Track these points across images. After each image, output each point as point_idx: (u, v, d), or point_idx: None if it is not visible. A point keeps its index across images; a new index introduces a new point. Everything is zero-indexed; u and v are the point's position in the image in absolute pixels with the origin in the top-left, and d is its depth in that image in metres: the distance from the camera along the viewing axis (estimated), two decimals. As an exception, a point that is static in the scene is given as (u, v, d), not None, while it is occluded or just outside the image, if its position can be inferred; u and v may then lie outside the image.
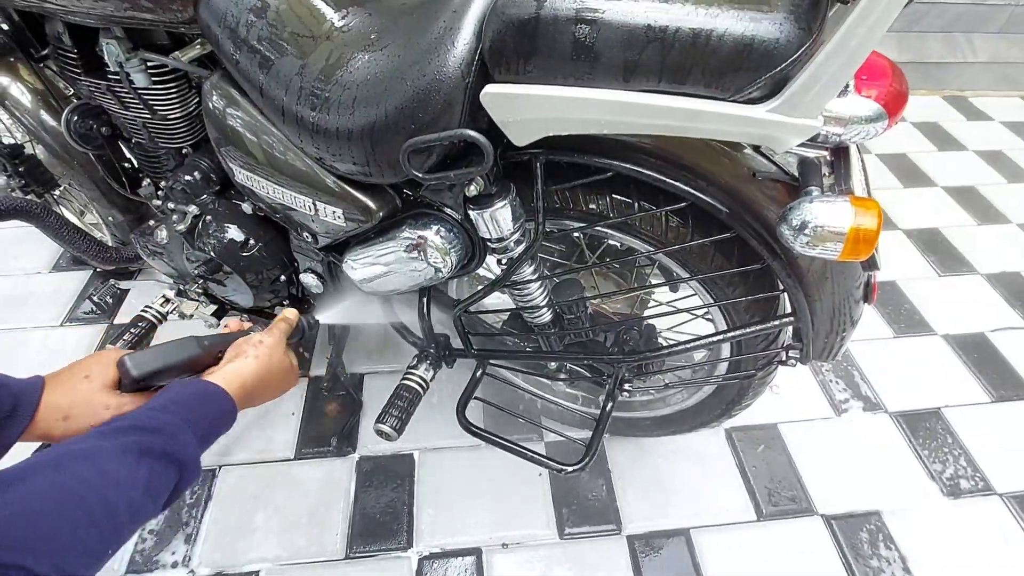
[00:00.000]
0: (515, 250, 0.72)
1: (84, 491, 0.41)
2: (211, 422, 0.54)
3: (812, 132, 0.50)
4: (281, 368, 0.67)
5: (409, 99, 0.58)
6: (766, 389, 0.89)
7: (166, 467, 0.47)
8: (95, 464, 0.43)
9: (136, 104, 0.89)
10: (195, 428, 0.51)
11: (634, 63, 0.50)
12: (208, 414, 0.54)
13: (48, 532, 0.38)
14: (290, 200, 0.77)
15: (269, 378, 0.64)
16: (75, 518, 0.40)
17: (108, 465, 0.43)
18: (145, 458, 0.45)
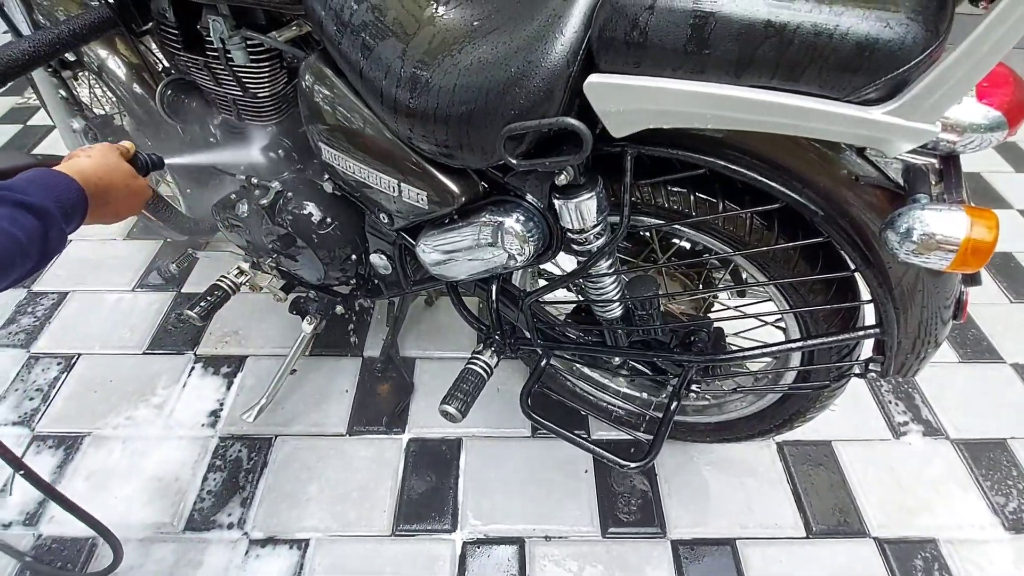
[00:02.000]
0: (594, 243, 0.72)
1: None
2: (54, 187, 0.59)
3: (928, 138, 0.49)
4: (120, 170, 0.70)
5: (511, 85, 0.59)
6: (833, 402, 0.87)
7: (21, 212, 0.53)
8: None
9: (229, 81, 0.93)
10: (40, 188, 0.57)
11: (749, 58, 0.50)
12: (49, 181, 0.59)
13: None
14: (375, 180, 0.79)
15: (109, 177, 0.68)
16: None
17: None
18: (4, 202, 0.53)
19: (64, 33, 0.89)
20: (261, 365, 1.33)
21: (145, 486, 1.14)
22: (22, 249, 0.52)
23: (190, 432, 1.21)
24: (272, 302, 1.43)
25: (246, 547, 1.06)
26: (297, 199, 0.95)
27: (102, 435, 1.21)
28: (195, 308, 1.06)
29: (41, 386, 1.30)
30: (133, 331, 1.40)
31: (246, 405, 1.19)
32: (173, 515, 1.10)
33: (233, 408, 1.25)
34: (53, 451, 1.19)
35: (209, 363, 1.34)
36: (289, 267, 1.07)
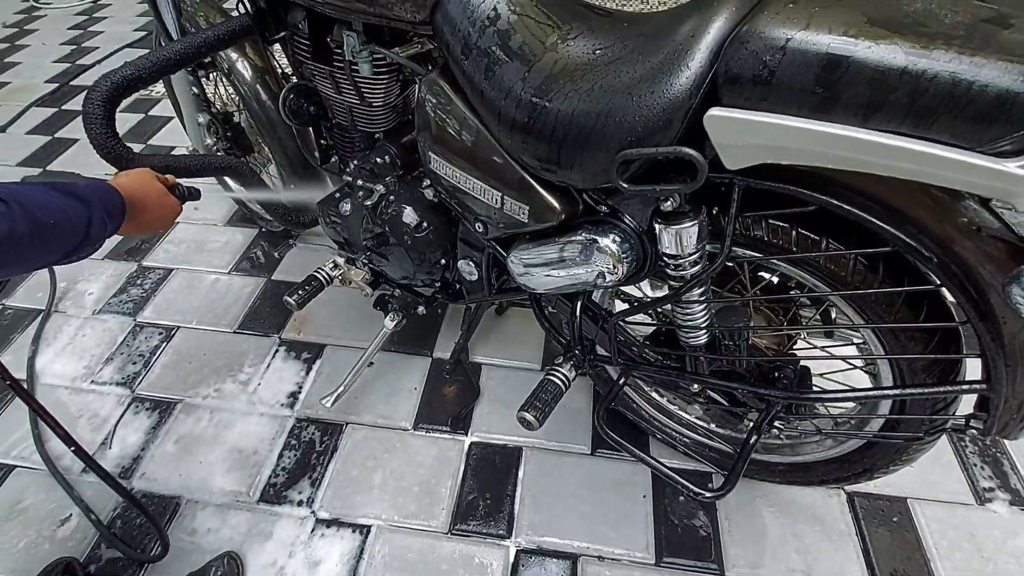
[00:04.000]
0: (689, 270, 0.74)
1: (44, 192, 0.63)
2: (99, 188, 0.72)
3: (1067, 194, 0.48)
4: (153, 188, 0.84)
5: (632, 113, 0.62)
6: (921, 455, 0.83)
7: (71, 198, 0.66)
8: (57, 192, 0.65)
9: (349, 90, 1.01)
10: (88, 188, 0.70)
11: (879, 103, 0.51)
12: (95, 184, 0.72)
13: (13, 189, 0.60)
14: (479, 191, 0.84)
15: (144, 192, 0.81)
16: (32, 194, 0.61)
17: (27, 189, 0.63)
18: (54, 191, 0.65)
19: (210, 38, 0.99)
20: (338, 355, 1.41)
21: (227, 455, 1.22)
22: (71, 224, 0.64)
23: (270, 410, 1.30)
24: (351, 296, 1.51)
25: (312, 525, 1.12)
26: (398, 203, 1.01)
27: (192, 403, 1.31)
28: (294, 295, 1.14)
29: (143, 352, 1.42)
30: (226, 311, 1.51)
31: (322, 390, 1.26)
32: (249, 486, 1.18)
33: (310, 392, 1.33)
34: (149, 413, 1.30)
35: (291, 347, 1.42)
36: (380, 265, 1.14)
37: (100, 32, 3.12)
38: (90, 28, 3.18)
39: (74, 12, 3.39)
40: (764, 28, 0.54)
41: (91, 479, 1.17)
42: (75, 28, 3.19)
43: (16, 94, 2.57)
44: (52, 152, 2.18)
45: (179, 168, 0.99)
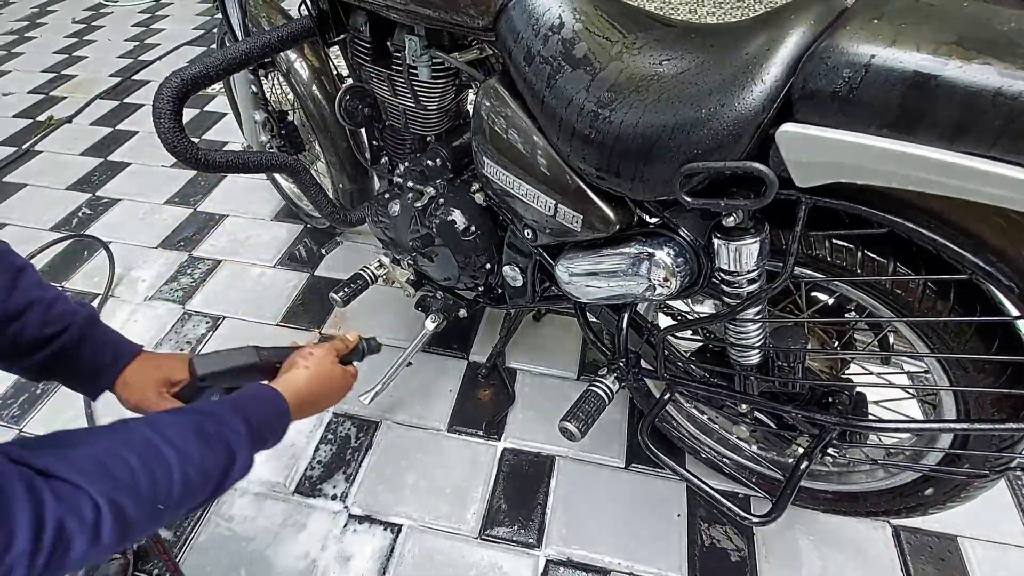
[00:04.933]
0: (746, 288, 0.72)
1: (145, 446, 0.50)
2: (264, 418, 0.62)
3: None
4: (331, 378, 0.76)
5: (700, 125, 0.61)
6: (982, 494, 0.79)
7: (216, 446, 0.55)
8: (158, 430, 0.53)
9: (405, 93, 1.02)
10: (247, 421, 0.59)
11: (968, 125, 0.49)
12: (261, 410, 0.63)
13: (110, 470, 0.46)
14: (532, 198, 0.84)
15: (320, 387, 0.73)
16: (133, 465, 0.48)
17: (169, 432, 0.53)
18: (200, 435, 0.54)
19: (273, 39, 1.02)
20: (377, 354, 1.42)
21: (265, 445, 1.25)
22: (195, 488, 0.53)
23: (309, 403, 1.32)
24: (390, 296, 1.53)
25: (345, 520, 1.13)
26: (447, 206, 1.02)
27: (234, 392, 1.34)
28: (340, 292, 1.16)
29: (191, 340, 1.47)
30: (270, 303, 1.55)
31: (360, 387, 1.27)
32: (286, 477, 1.20)
33: (347, 388, 1.34)
34: (193, 399, 1.34)
35: (330, 343, 1.45)
36: (424, 266, 1.15)
37: (162, 30, 3.26)
38: (152, 26, 3.32)
39: (138, 10, 3.54)
40: (846, 44, 0.52)
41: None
42: (138, 25, 3.34)
43: (82, 86, 2.70)
44: (114, 143, 2.28)
45: (236, 165, 1.02)
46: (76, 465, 0.44)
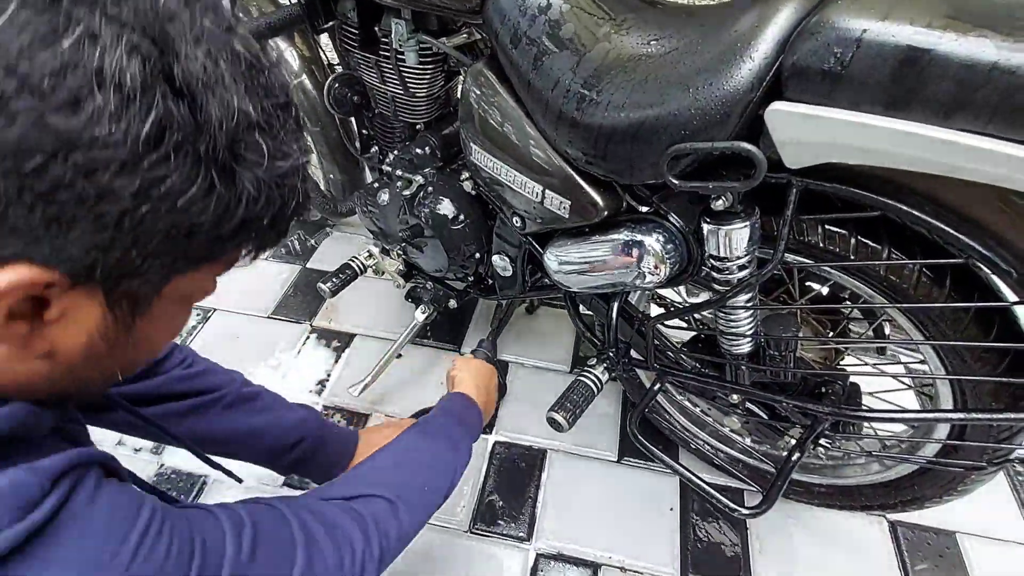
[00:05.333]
0: (736, 274, 0.70)
1: (419, 467, 0.69)
2: (469, 417, 0.82)
3: None
4: (482, 371, 0.93)
5: (688, 105, 0.59)
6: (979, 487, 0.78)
7: (457, 452, 0.75)
8: (427, 449, 0.72)
9: (394, 80, 1.01)
10: (466, 424, 0.80)
11: (963, 101, 0.47)
12: (467, 410, 0.83)
13: (395, 479, 0.64)
14: (519, 184, 0.82)
15: (480, 379, 0.90)
16: (415, 478, 0.66)
17: (433, 448, 0.73)
18: (452, 447, 0.74)
19: (262, 26, 1.00)
20: (367, 345, 1.41)
21: (254, 438, 1.23)
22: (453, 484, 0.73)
23: (299, 396, 1.31)
24: (383, 287, 1.52)
25: (334, 513, 1.12)
26: (436, 194, 1.00)
27: (224, 385, 1.33)
28: (328, 282, 1.15)
29: (182, 333, 1.45)
30: (261, 296, 1.53)
31: (351, 379, 1.26)
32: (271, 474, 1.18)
33: (338, 380, 1.33)
34: (183, 391, 1.32)
35: (322, 335, 1.43)
36: (414, 256, 1.13)
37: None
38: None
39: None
40: (837, 19, 0.50)
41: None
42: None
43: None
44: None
45: None
46: (364, 481, 0.63)
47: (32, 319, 0.32)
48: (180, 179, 0.31)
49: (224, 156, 0.32)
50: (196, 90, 0.31)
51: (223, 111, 0.32)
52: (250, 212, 0.35)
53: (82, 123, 0.28)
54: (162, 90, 0.30)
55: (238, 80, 0.33)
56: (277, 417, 0.79)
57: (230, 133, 0.32)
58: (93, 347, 0.36)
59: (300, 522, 0.51)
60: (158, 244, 0.33)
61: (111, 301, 0.34)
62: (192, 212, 0.32)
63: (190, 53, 0.30)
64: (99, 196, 0.29)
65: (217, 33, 0.32)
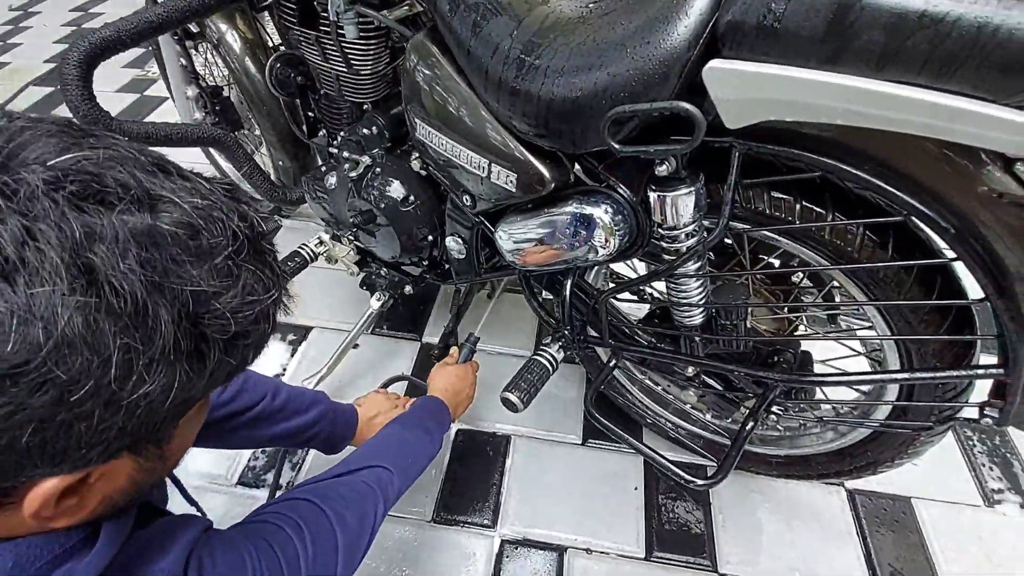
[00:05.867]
0: (684, 243, 0.69)
1: (404, 445, 0.82)
2: (439, 416, 0.92)
3: (1102, 152, 0.44)
4: (455, 375, 1.02)
5: (626, 67, 0.57)
6: (929, 448, 0.79)
7: (431, 440, 0.85)
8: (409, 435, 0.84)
9: (336, 56, 0.96)
10: (436, 421, 0.90)
11: (895, 51, 0.46)
12: (437, 411, 0.92)
13: (389, 455, 0.77)
14: (465, 159, 0.79)
15: (450, 383, 1.00)
16: (403, 453, 0.80)
17: (413, 435, 0.84)
18: (427, 435, 0.85)
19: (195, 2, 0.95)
20: (325, 337, 1.37)
21: (206, 437, 1.18)
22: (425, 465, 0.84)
23: (253, 392, 1.26)
24: (341, 278, 1.47)
25: (291, 510, 1.08)
26: (384, 175, 0.97)
27: (173, 384, 1.27)
28: (275, 270, 1.10)
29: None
30: (212, 290, 1.47)
31: (307, 373, 1.22)
32: (228, 468, 1.14)
33: (295, 374, 1.29)
34: (129, 392, 1.26)
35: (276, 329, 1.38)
36: (366, 242, 1.10)
37: (101, 14, 3.09)
38: (92, 10, 3.15)
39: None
40: (770, -30, 0.49)
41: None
42: (77, 10, 3.16)
43: (15, 75, 2.55)
44: (46, 130, 2.14)
45: (158, 137, 0.95)
46: (367, 457, 0.76)
47: (80, 489, 0.36)
48: (157, 386, 0.32)
49: (188, 343, 0.33)
50: (143, 304, 0.31)
51: (175, 305, 0.32)
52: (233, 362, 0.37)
53: (55, 397, 0.29)
54: (113, 328, 0.30)
55: (181, 261, 0.32)
56: (299, 420, 0.87)
57: (190, 319, 0.33)
58: (135, 479, 0.40)
59: (333, 511, 0.62)
60: (161, 419, 0.35)
61: (137, 452, 0.37)
62: (179, 395, 0.34)
63: (122, 271, 0.30)
64: (97, 426, 0.31)
65: (140, 226, 0.31)
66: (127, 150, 0.34)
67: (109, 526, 0.40)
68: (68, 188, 0.30)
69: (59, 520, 0.36)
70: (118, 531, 0.41)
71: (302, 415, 0.88)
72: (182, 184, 0.35)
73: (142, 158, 0.34)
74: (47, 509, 0.34)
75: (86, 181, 0.30)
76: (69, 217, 0.29)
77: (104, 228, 0.30)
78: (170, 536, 0.45)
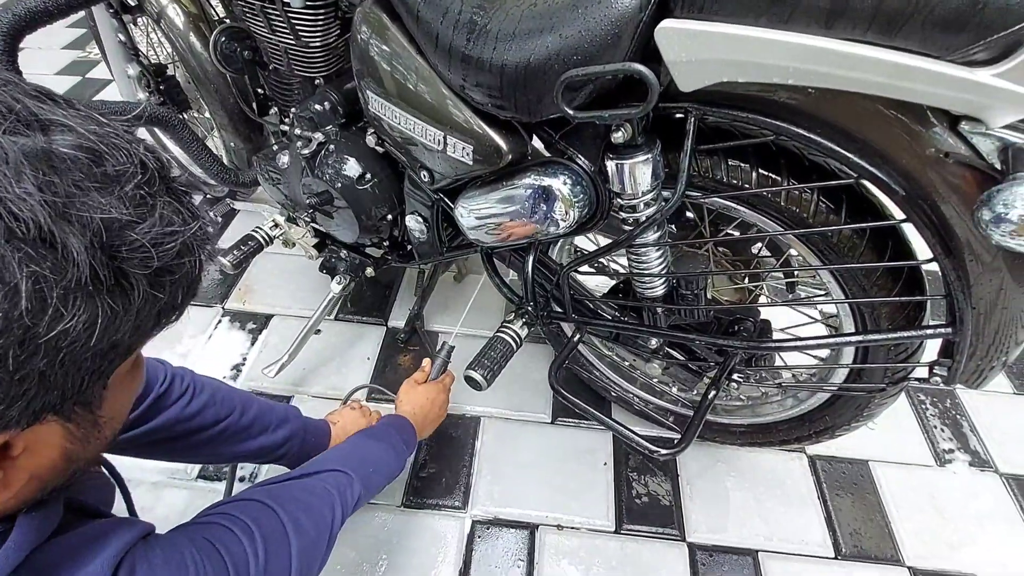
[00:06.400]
0: (643, 212, 0.69)
1: (368, 454, 0.81)
2: (406, 435, 0.90)
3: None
4: (425, 395, 0.99)
5: (578, 29, 0.56)
6: (883, 410, 0.81)
7: (397, 456, 0.85)
8: (374, 446, 0.83)
9: (283, 28, 0.92)
10: (402, 440, 0.88)
11: (842, 7, 0.46)
12: (405, 431, 0.90)
13: (350, 461, 0.76)
14: (420, 133, 0.77)
15: (418, 404, 0.97)
16: (365, 462, 0.78)
17: (378, 447, 0.83)
18: (392, 450, 0.85)
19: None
20: (287, 324, 1.33)
21: (163, 431, 1.14)
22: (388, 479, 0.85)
23: (211, 383, 1.21)
24: (302, 264, 1.43)
25: (255, 502, 1.05)
26: (339, 153, 0.94)
27: (126, 378, 1.22)
28: (228, 255, 1.06)
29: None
30: (166, 280, 1.41)
31: (268, 362, 1.18)
32: (187, 465, 1.10)
33: (255, 364, 1.25)
34: (78, 388, 1.20)
35: (236, 318, 1.34)
36: (324, 224, 1.06)
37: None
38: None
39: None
40: (718, -75, 0.48)
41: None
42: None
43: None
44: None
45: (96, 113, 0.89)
46: (327, 462, 0.74)
47: (2, 463, 0.33)
48: (78, 322, 0.30)
49: (107, 275, 0.31)
50: (46, 232, 0.28)
51: (85, 234, 0.29)
52: (160, 303, 0.35)
53: None
54: (17, 255, 0.27)
55: (85, 187, 0.30)
56: (267, 439, 0.85)
57: (106, 250, 0.30)
58: (68, 451, 0.37)
59: (287, 513, 0.59)
60: (87, 369, 0.33)
61: (65, 417, 0.35)
62: (105, 335, 0.32)
63: (17, 194, 0.27)
64: (14, 373, 0.29)
65: (32, 148, 0.29)
66: (5, 77, 0.31)
67: (25, 521, 0.37)
68: None
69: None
70: (35, 528, 0.37)
71: (270, 433, 0.85)
72: (74, 112, 0.32)
73: (24, 85, 0.31)
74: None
75: None
76: None
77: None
78: (100, 539, 0.42)
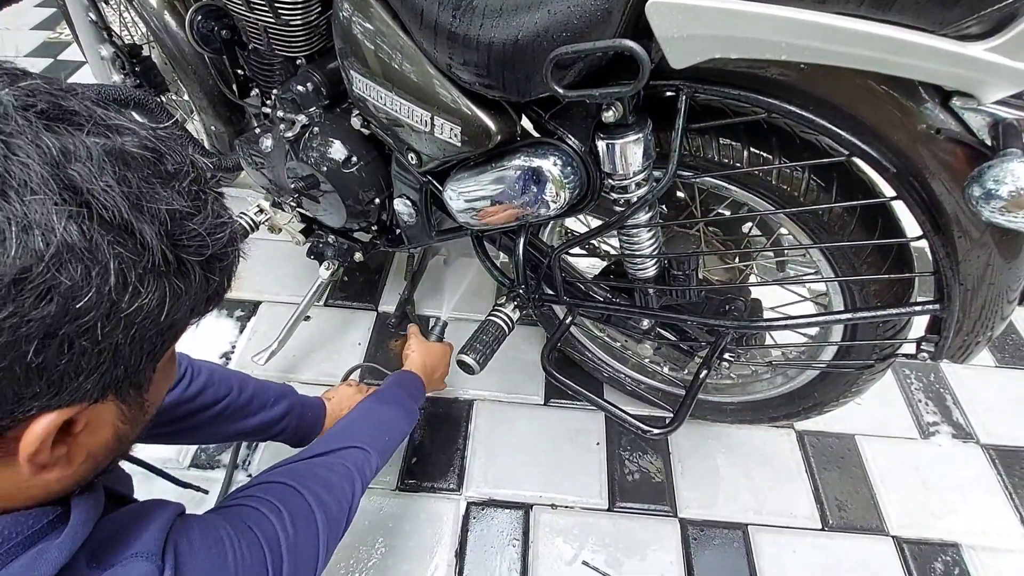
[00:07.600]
0: (635, 192, 0.68)
1: (380, 421, 0.82)
2: (415, 389, 0.92)
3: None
4: (432, 351, 1.02)
5: (567, 5, 0.54)
6: (871, 386, 0.82)
7: (408, 416, 0.87)
8: (385, 411, 0.84)
9: (261, 5, 0.89)
10: (410, 395, 0.90)
11: (836, -20, 0.45)
12: (413, 385, 0.93)
13: (364, 433, 0.78)
14: (407, 113, 0.75)
15: (428, 358, 1.00)
16: (379, 431, 0.80)
17: (389, 412, 0.84)
18: (403, 410, 0.86)
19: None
20: (276, 311, 1.31)
21: (153, 421, 1.13)
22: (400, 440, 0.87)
23: (200, 371, 1.20)
24: (290, 250, 1.41)
25: (249, 489, 1.05)
26: (323, 135, 0.91)
27: (113, 368, 1.20)
28: (212, 242, 1.03)
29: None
30: (150, 268, 1.38)
31: (258, 349, 1.17)
32: (179, 452, 1.10)
33: (244, 352, 1.24)
34: (64, 379, 1.18)
35: (224, 305, 1.32)
36: (310, 209, 1.04)
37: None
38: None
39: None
40: None
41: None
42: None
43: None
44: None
45: None
46: (341, 437, 0.76)
47: (66, 439, 0.36)
48: (152, 300, 0.34)
49: (172, 260, 0.35)
50: (127, 219, 0.32)
51: (155, 223, 0.33)
52: (211, 287, 0.39)
53: (60, 306, 0.30)
54: (107, 238, 0.31)
55: (151, 182, 0.34)
56: (265, 415, 0.86)
57: (170, 237, 0.34)
58: (119, 432, 0.41)
59: (310, 491, 0.61)
60: (150, 346, 0.36)
61: (121, 397, 0.38)
62: (169, 313, 0.35)
63: (102, 187, 0.31)
64: (95, 344, 0.32)
65: (110, 147, 0.32)
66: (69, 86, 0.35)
67: (80, 502, 0.40)
68: (37, 107, 0.31)
69: (51, 470, 0.36)
70: (89, 509, 0.40)
71: (268, 409, 0.87)
72: (131, 116, 0.37)
73: (88, 92, 0.35)
74: (43, 454, 0.34)
75: (51, 102, 0.32)
76: (43, 135, 0.30)
77: (78, 147, 0.31)
78: (143, 519, 0.44)
